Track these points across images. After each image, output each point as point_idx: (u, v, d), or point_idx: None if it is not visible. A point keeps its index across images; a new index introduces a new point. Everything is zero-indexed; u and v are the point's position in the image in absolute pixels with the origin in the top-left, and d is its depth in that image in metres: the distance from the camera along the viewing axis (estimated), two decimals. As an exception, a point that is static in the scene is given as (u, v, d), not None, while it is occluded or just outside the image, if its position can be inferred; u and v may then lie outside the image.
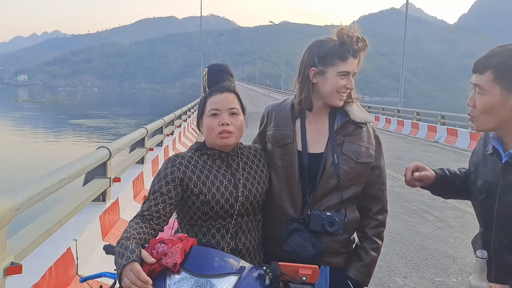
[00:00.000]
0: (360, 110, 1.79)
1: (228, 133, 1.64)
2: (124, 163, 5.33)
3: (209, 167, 1.68)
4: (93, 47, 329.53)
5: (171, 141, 9.67)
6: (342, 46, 1.66)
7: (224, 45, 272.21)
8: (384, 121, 22.56)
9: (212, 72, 1.73)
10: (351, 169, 1.71)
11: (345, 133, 1.74)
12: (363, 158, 1.73)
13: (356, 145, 1.73)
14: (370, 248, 1.77)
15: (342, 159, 1.71)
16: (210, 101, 1.67)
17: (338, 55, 1.66)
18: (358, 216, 1.78)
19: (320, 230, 1.67)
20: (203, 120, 1.69)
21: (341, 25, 1.68)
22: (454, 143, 15.69)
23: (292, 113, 1.80)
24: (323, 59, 1.68)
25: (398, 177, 9.09)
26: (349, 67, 1.67)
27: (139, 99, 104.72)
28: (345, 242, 1.78)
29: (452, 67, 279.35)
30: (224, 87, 1.70)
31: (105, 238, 3.75)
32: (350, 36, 1.66)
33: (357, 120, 1.74)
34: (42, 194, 2.51)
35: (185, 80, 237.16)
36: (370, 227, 1.79)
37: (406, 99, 49.77)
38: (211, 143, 1.69)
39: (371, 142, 1.77)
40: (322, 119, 1.78)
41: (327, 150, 1.72)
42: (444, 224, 5.92)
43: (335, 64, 1.67)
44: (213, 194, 1.63)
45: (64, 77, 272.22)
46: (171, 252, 1.38)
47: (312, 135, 1.76)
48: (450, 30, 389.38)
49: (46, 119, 38.15)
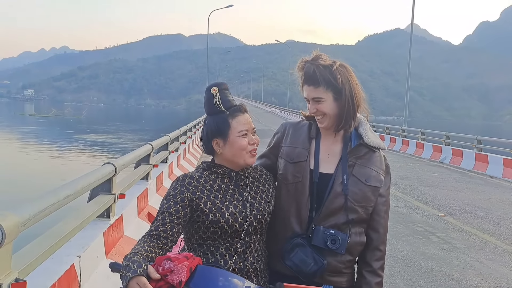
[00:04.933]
0: (374, 135, 1.80)
1: (256, 150, 1.72)
2: (129, 179, 5.34)
3: (217, 187, 1.69)
4: (100, 63, 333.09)
5: (176, 157, 9.68)
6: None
7: (230, 62, 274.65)
8: (389, 140, 22.52)
9: (222, 91, 1.74)
10: (360, 191, 1.72)
11: (357, 155, 1.76)
12: (372, 182, 1.74)
13: (368, 169, 1.75)
14: (375, 283, 1.75)
15: (352, 180, 1.72)
16: (237, 122, 1.69)
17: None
18: (364, 241, 1.77)
19: (322, 247, 1.67)
20: (228, 140, 1.68)
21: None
22: (459, 163, 15.62)
23: (309, 133, 1.83)
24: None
25: (403, 198, 9.04)
26: (304, 94, 1.76)
27: (144, 115, 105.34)
28: (349, 263, 1.77)
29: (457, 87, 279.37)
30: (243, 107, 1.74)
31: (108, 255, 3.74)
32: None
33: (370, 144, 1.75)
34: (48, 210, 2.51)
35: (191, 97, 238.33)
36: (376, 260, 1.77)
37: (411, 118, 49.86)
38: (236, 161, 1.70)
39: (382, 168, 1.78)
40: (337, 141, 1.80)
41: (337, 170, 1.74)
42: (449, 246, 5.86)
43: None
44: (222, 214, 1.64)
45: (70, 92, 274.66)
46: (177, 270, 1.38)
47: (325, 156, 1.79)
48: (455, 51, 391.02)
49: (52, 133, 38.41)
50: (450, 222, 7.22)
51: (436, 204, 8.58)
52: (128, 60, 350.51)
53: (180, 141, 11.31)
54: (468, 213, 7.98)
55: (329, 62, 1.70)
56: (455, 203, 8.86)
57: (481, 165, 14.52)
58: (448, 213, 7.84)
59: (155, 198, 6.43)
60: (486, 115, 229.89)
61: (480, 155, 14.90)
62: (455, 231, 6.67)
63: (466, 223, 7.18)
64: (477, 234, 6.56)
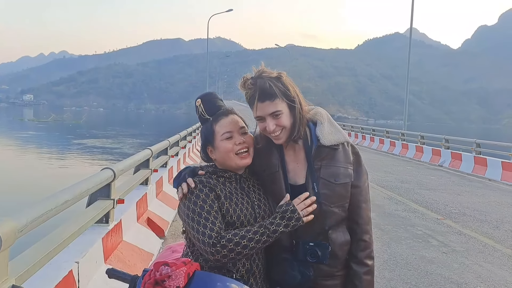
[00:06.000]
0: (332, 130, 1.75)
1: (245, 151, 1.70)
2: (128, 184, 5.34)
3: (229, 189, 1.70)
4: (99, 67, 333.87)
5: (175, 162, 9.68)
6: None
7: (230, 66, 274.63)
8: (388, 144, 22.54)
9: (205, 100, 1.78)
10: (332, 192, 1.70)
11: (320, 157, 1.73)
12: (341, 179, 1.71)
13: (333, 167, 1.72)
14: (363, 273, 1.75)
15: (322, 183, 1.70)
16: (220, 126, 1.71)
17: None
18: (349, 238, 1.77)
19: (305, 261, 1.66)
20: (215, 146, 1.71)
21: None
22: (458, 167, 15.62)
23: (275, 144, 1.78)
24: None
25: (402, 201, 9.03)
26: (258, 112, 1.67)
27: (144, 119, 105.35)
28: (341, 265, 1.77)
29: (456, 91, 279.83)
30: (228, 110, 1.76)
31: (107, 261, 3.73)
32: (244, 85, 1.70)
33: (328, 144, 1.72)
34: (46, 215, 2.51)
35: (191, 101, 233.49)
36: (361, 250, 1.76)
37: (410, 122, 49.88)
38: (228, 165, 1.72)
39: (348, 161, 1.74)
40: (300, 148, 1.77)
41: (307, 179, 1.72)
42: (448, 249, 5.85)
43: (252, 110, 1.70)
44: (238, 215, 1.65)
45: (70, 97, 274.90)
46: (175, 275, 1.38)
47: (294, 165, 1.77)
48: (454, 55, 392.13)
49: (51, 139, 38.38)
50: (449, 225, 7.21)
51: (435, 208, 8.58)
52: (127, 65, 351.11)
53: (180, 145, 11.31)
54: (467, 216, 7.97)
55: (276, 74, 1.68)
56: (454, 206, 8.85)
57: (480, 168, 14.52)
58: (447, 216, 7.84)
59: (155, 203, 6.42)
60: (485, 118, 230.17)
61: (479, 158, 14.91)
62: (455, 234, 6.66)
63: (465, 226, 7.17)
64: (476, 237, 6.56)
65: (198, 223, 1.57)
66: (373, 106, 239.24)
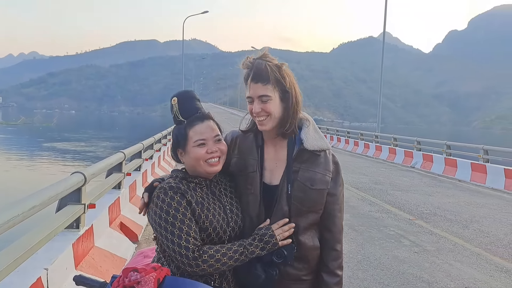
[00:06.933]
0: (316, 136, 1.76)
1: (217, 160, 1.67)
2: (100, 188, 5.24)
3: (200, 195, 1.67)
4: (71, 69, 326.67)
5: (150, 165, 9.56)
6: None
7: (207, 69, 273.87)
8: (363, 146, 22.87)
9: (182, 100, 1.72)
10: (306, 196, 1.70)
11: (300, 160, 1.73)
12: (318, 185, 1.71)
13: (311, 172, 1.72)
14: (333, 284, 1.75)
15: (297, 186, 1.70)
16: (194, 131, 1.67)
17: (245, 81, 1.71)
18: (318, 244, 1.76)
19: (270, 261, 1.65)
20: (186, 150, 1.68)
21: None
22: (430, 168, 15.98)
23: (256, 141, 1.79)
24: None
25: (376, 202, 9.17)
26: (249, 92, 1.69)
27: (118, 122, 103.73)
28: (307, 270, 1.76)
29: (427, 94, 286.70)
30: (204, 115, 1.71)
31: (78, 267, 3.65)
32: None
33: (310, 148, 1.72)
34: (12, 221, 2.44)
35: (166, 103, 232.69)
36: (332, 260, 1.76)
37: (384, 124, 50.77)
38: (197, 171, 1.69)
39: (327, 169, 1.75)
40: (282, 148, 1.77)
41: (283, 179, 1.72)
42: (420, 249, 5.97)
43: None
44: (210, 221, 1.63)
45: (40, 99, 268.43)
46: (144, 281, 1.36)
47: (273, 164, 1.76)
48: (426, 59, 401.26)
49: (21, 142, 37.34)
50: (421, 225, 7.36)
51: (407, 208, 8.75)
52: (100, 66, 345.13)
53: (154, 148, 11.18)
54: (438, 216, 8.16)
55: (277, 62, 1.69)
56: (426, 206, 9.05)
57: (450, 169, 14.90)
58: (419, 217, 8.00)
59: (128, 207, 6.32)
60: (455, 121, 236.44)
61: (450, 159, 15.30)
62: (426, 234, 6.81)
63: (436, 226, 7.34)
64: (446, 236, 6.72)
65: (172, 233, 1.54)
66: (348, 108, 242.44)
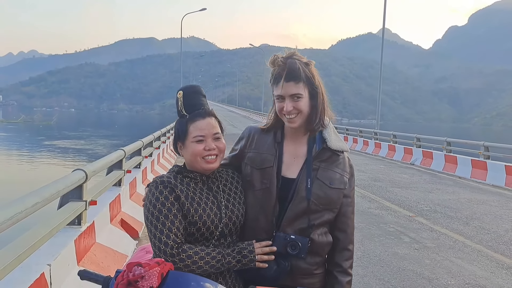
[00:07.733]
0: (337, 138, 1.82)
1: (214, 157, 1.69)
2: (101, 185, 5.26)
3: (193, 189, 1.70)
4: (70, 67, 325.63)
5: (149, 163, 9.57)
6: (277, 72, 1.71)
7: (205, 66, 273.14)
8: (362, 143, 22.89)
9: (187, 94, 1.75)
10: (324, 194, 1.73)
11: (321, 159, 1.77)
12: (337, 184, 1.76)
13: (331, 171, 1.76)
14: (346, 282, 1.79)
15: (316, 183, 1.73)
16: (194, 127, 1.69)
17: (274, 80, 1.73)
18: (330, 240, 1.80)
19: (284, 253, 1.68)
20: (185, 144, 1.71)
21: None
22: (429, 165, 16.00)
23: (274, 138, 1.82)
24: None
25: (375, 199, 9.19)
26: (281, 91, 1.70)
27: (117, 120, 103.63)
28: (319, 264, 1.79)
29: (427, 91, 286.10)
30: (206, 112, 1.73)
31: (80, 263, 3.67)
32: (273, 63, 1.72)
33: (334, 147, 1.77)
34: (15, 218, 2.45)
35: (165, 101, 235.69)
36: (345, 260, 1.80)
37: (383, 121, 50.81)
38: (194, 166, 1.72)
39: (345, 170, 1.80)
40: (302, 144, 1.80)
41: (302, 174, 1.75)
42: (420, 246, 5.99)
43: (274, 88, 1.73)
44: (200, 215, 1.64)
45: (40, 98, 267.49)
46: (148, 276, 1.36)
47: (291, 159, 1.79)
48: (426, 55, 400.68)
49: (21, 140, 37.32)
50: (421, 222, 7.38)
51: (407, 205, 8.77)
52: (99, 64, 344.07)
53: (153, 146, 11.18)
54: (438, 213, 8.18)
55: (306, 60, 1.73)
56: (426, 203, 9.07)
57: (450, 166, 14.91)
58: (419, 214, 8.02)
59: (128, 204, 6.34)
60: (455, 117, 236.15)
61: (450, 156, 15.31)
62: (426, 231, 6.83)
63: (436, 223, 7.36)
64: (446, 233, 6.74)
65: (156, 227, 1.59)
66: (346, 105, 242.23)
